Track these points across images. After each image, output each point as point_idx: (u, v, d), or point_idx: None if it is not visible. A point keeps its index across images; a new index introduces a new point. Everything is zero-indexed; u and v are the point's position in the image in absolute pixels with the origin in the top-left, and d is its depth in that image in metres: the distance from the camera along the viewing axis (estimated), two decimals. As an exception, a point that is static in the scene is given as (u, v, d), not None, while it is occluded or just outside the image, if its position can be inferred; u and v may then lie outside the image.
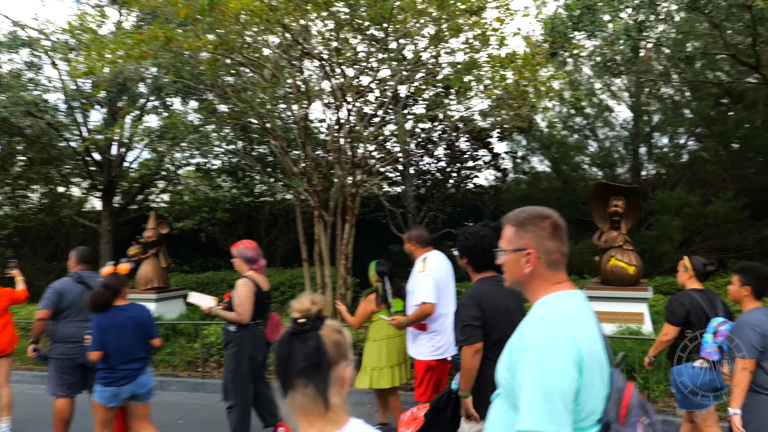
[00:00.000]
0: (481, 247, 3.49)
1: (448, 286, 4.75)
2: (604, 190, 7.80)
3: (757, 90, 11.16)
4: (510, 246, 1.87)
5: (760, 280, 3.62)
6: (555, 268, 1.81)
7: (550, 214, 1.87)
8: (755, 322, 3.46)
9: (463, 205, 13.89)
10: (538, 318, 1.67)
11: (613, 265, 7.33)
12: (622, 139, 13.43)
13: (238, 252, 5.03)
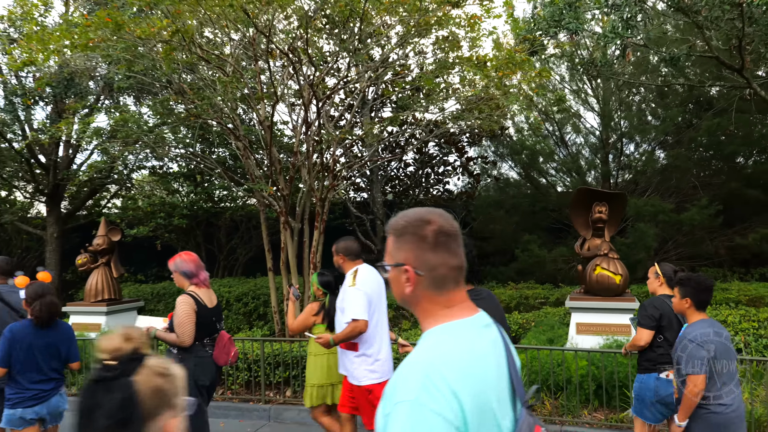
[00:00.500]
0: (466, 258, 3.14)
1: (381, 301, 4.33)
2: (587, 195, 7.47)
3: (728, 97, 11.10)
4: (389, 260, 1.51)
5: (700, 291, 3.48)
6: (442, 288, 1.45)
7: (433, 218, 1.48)
8: (701, 336, 3.35)
9: (433, 211, 13.48)
10: (415, 362, 1.31)
11: (598, 275, 6.98)
12: (592, 145, 13.27)
13: (175, 266, 4.46)
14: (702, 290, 3.49)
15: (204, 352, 4.39)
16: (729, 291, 9.50)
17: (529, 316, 8.75)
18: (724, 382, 3.40)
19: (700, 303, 3.51)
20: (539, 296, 9.98)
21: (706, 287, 3.50)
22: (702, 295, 3.50)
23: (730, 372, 3.42)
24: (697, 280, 3.53)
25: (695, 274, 3.68)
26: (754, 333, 7.32)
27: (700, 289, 3.49)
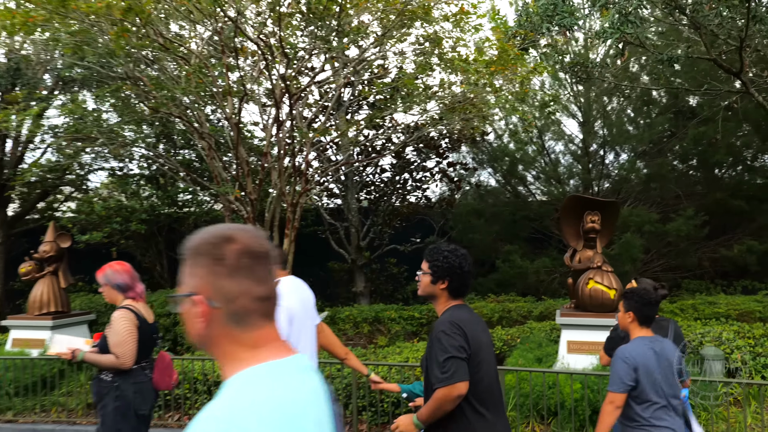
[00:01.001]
0: (463, 269, 2.84)
1: (306, 317, 3.76)
2: (578, 204, 6.99)
3: (712, 105, 10.82)
4: (181, 289, 1.22)
5: (645, 305, 3.30)
6: (245, 324, 1.17)
7: (237, 235, 1.20)
8: (629, 353, 3.19)
9: (410, 219, 12.93)
10: (210, 419, 1.03)
11: (591, 289, 6.48)
12: (573, 153, 12.90)
13: (106, 279, 3.82)
14: (646, 304, 3.31)
15: (144, 376, 3.77)
16: (717, 305, 9.15)
17: (514, 331, 8.22)
18: (657, 404, 3.18)
19: (644, 318, 3.32)
20: (522, 310, 9.48)
21: (650, 301, 3.31)
22: (646, 310, 3.31)
23: (664, 395, 3.20)
24: (641, 294, 3.35)
25: (641, 287, 3.47)
26: (751, 351, 6.91)
27: (644, 302, 3.31)
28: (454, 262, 2.84)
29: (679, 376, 3.36)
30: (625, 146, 12.12)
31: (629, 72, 11.93)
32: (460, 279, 2.85)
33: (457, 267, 2.83)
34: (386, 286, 13.81)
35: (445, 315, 2.82)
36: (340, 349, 4.41)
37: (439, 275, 2.86)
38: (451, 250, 2.90)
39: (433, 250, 2.95)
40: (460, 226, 12.48)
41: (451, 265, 2.84)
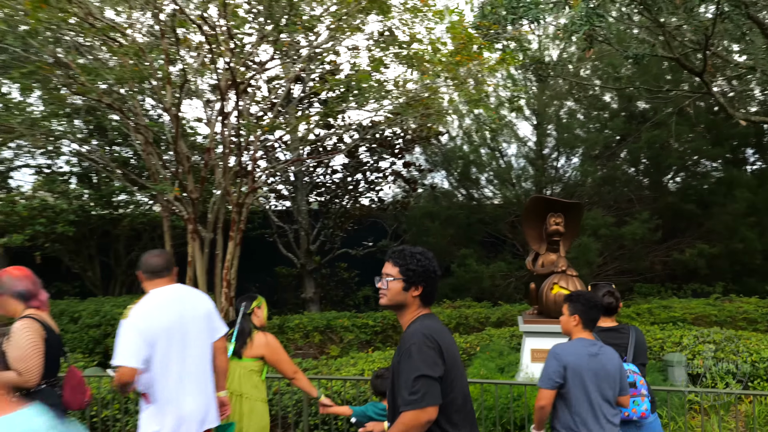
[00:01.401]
0: (437, 273, 2.60)
1: (187, 337, 3.27)
2: (541, 205, 6.69)
3: (664, 108, 10.85)
4: None
5: (591, 309, 3.28)
6: None
7: None
8: (561, 350, 3.18)
9: (362, 222, 12.48)
10: None
11: (556, 294, 6.18)
12: (526, 156, 12.76)
13: (2, 287, 3.26)
14: (592, 308, 3.28)
15: (52, 395, 3.22)
16: (672, 309, 9.09)
17: (472, 339, 7.88)
18: (584, 410, 3.10)
19: (589, 321, 3.28)
20: (479, 316, 9.16)
21: (596, 305, 3.31)
22: (592, 313, 3.28)
23: (593, 402, 3.10)
24: (587, 297, 3.32)
25: (585, 291, 3.46)
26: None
27: (589, 306, 3.27)
28: (428, 266, 2.52)
29: (622, 390, 3.24)
30: (579, 149, 12.05)
31: (585, 74, 11.90)
32: (434, 284, 2.55)
33: (432, 271, 2.53)
34: (337, 292, 13.30)
35: (415, 325, 2.45)
36: (288, 368, 3.91)
37: (413, 281, 2.51)
38: (422, 252, 2.58)
39: (402, 252, 2.58)
40: (414, 229, 12.12)
41: (426, 268, 2.51)
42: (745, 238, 10.68)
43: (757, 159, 13.19)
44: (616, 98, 11.66)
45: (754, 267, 11.23)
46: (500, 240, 12.49)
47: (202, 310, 3.37)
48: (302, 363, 6.99)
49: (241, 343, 3.84)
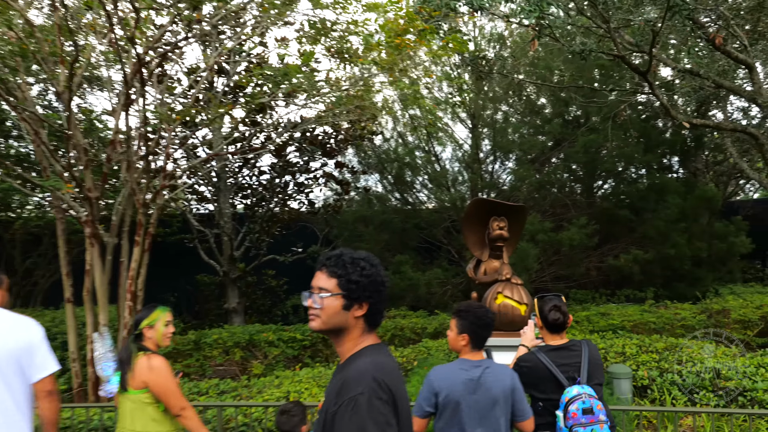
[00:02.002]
0: (386, 285, 1.93)
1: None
2: (483, 208, 6.22)
3: (600, 113, 10.74)
4: None
5: (480, 327, 2.95)
6: None
7: None
8: (435, 376, 2.89)
9: (291, 227, 11.71)
10: None
11: (501, 305, 5.70)
12: (462, 159, 12.41)
13: None
14: (483, 327, 2.96)
15: None
16: (611, 316, 8.89)
17: (409, 352, 7.31)
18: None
19: (479, 340, 2.96)
20: (416, 326, 8.62)
21: (487, 324, 2.97)
22: (481, 332, 2.96)
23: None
24: (477, 314, 2.98)
25: (476, 305, 3.07)
26: (657, 366, 6.52)
27: (480, 325, 2.95)
28: (375, 276, 1.87)
29: (519, 416, 2.95)
30: (515, 153, 11.80)
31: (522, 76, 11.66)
32: (382, 300, 1.90)
33: (380, 282, 1.88)
34: (263, 301, 12.46)
35: (362, 362, 1.80)
36: (175, 402, 3.11)
37: (356, 296, 1.85)
38: (367, 258, 1.90)
39: (340, 259, 1.90)
40: (346, 234, 11.48)
41: (372, 279, 1.86)
42: (677, 243, 10.72)
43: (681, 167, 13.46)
44: (552, 101, 11.49)
45: (683, 273, 11.31)
46: (436, 246, 12.06)
47: (16, 342, 2.61)
48: (220, 384, 6.19)
49: (123, 371, 3.08)
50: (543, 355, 3.27)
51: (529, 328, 3.75)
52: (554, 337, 3.42)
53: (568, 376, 3.20)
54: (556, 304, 3.39)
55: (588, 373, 3.33)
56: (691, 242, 11.07)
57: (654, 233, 10.83)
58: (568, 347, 3.36)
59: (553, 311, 3.34)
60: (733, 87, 7.44)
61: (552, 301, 3.46)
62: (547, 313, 3.37)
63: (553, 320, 3.37)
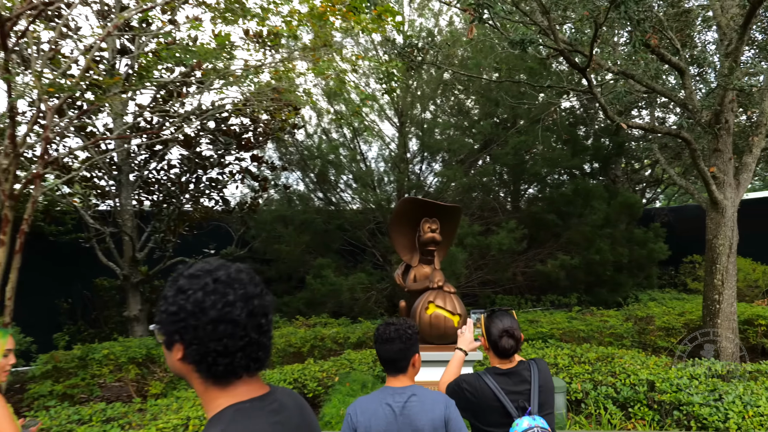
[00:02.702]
0: (219, 319, 1.19)
1: None
2: (413, 208, 5.66)
3: (529, 114, 10.53)
4: None
5: (380, 345, 2.60)
6: None
7: None
8: (354, 408, 2.54)
9: (203, 226, 10.75)
10: None
11: (432, 315, 5.15)
12: (388, 159, 11.88)
13: None
14: (382, 342, 2.58)
15: None
16: (539, 324, 8.61)
17: (329, 366, 6.65)
18: None
19: (389, 363, 2.58)
20: (338, 336, 7.97)
21: (385, 338, 2.57)
22: (384, 353, 2.57)
23: None
24: (378, 332, 2.62)
25: (382, 325, 2.65)
26: (590, 378, 6.21)
27: (380, 341, 2.58)
28: (202, 304, 1.19)
29: None
30: (443, 154, 11.42)
31: (510, 41, 11.27)
32: (214, 340, 1.19)
33: (200, 313, 1.18)
34: (171, 308, 11.38)
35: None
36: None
37: (168, 332, 1.21)
38: (195, 275, 1.23)
39: (177, 276, 1.27)
40: (263, 235, 10.66)
41: (193, 310, 1.18)
42: (601, 249, 10.67)
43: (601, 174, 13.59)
44: (481, 102, 11.18)
45: (606, 278, 11.31)
46: (360, 249, 11.47)
47: None
48: (107, 409, 5.28)
49: None
50: (491, 379, 2.78)
51: (467, 329, 3.22)
52: (502, 362, 2.91)
53: (517, 405, 2.73)
54: (507, 329, 2.86)
55: (539, 402, 2.85)
56: (613, 248, 11.09)
57: (580, 238, 10.74)
58: (519, 372, 2.86)
59: (505, 338, 2.82)
60: (664, 91, 7.31)
61: (502, 321, 2.92)
62: (498, 338, 2.85)
63: (503, 349, 2.86)
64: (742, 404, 5.19)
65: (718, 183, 7.28)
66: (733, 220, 7.32)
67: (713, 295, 7.34)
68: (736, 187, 7.37)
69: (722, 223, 7.29)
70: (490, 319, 3.01)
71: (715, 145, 7.30)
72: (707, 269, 7.48)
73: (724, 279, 7.28)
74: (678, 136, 6.84)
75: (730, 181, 7.31)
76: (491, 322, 2.97)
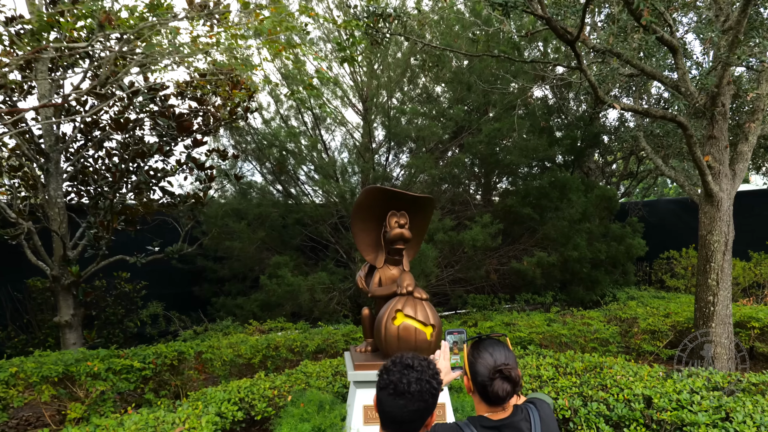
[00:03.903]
0: None
1: None
2: (379, 199, 4.81)
3: (503, 98, 9.79)
4: None
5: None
6: None
7: None
8: None
9: (148, 221, 9.71)
10: None
11: (401, 327, 4.31)
12: (352, 149, 11.00)
13: None
14: (394, 394, 1.89)
15: None
16: (516, 327, 7.87)
17: (282, 381, 5.76)
18: None
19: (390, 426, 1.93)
20: (294, 344, 7.07)
21: (399, 392, 1.87)
22: (390, 408, 1.90)
23: None
24: (387, 378, 1.93)
25: (395, 365, 1.97)
26: (578, 393, 5.48)
27: (388, 391, 1.90)
28: None
29: None
30: (412, 142, 10.59)
31: (495, 4, 10.42)
32: None
33: None
34: (115, 310, 10.32)
35: None
36: None
37: None
38: None
39: None
40: (215, 231, 9.68)
41: None
42: (578, 245, 10.03)
43: (574, 166, 12.99)
44: (452, 87, 10.38)
45: (582, 276, 10.69)
46: (322, 245, 10.58)
47: None
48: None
49: None
50: None
51: (442, 355, 2.46)
52: (494, 409, 2.10)
53: None
54: (500, 368, 2.06)
55: None
56: (590, 244, 10.47)
57: (556, 234, 10.07)
58: (515, 424, 2.11)
59: (498, 380, 2.04)
60: (655, 72, 6.62)
61: (494, 356, 2.13)
62: (488, 380, 2.06)
63: (495, 395, 2.06)
64: (755, 426, 4.51)
65: (713, 173, 6.63)
66: (729, 214, 6.69)
67: (707, 296, 6.71)
68: (732, 178, 6.74)
69: (717, 217, 6.65)
70: (476, 351, 2.19)
71: (710, 132, 6.66)
72: (700, 268, 6.84)
73: (719, 279, 6.65)
74: (674, 120, 6.15)
75: (725, 171, 6.68)
76: (478, 357, 2.15)
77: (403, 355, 2.03)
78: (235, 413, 5.15)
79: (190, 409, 4.89)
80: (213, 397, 5.35)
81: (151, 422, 4.56)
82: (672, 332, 7.83)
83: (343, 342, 7.30)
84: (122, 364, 5.67)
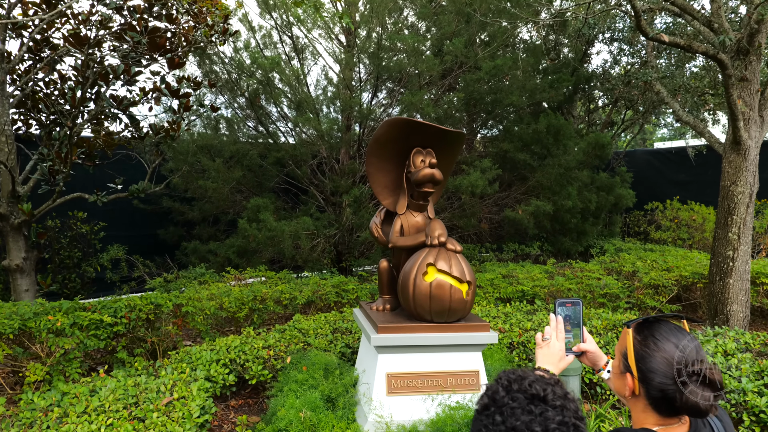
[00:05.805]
0: None
1: None
2: (402, 134, 4.08)
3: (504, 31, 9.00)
4: None
5: None
6: None
7: None
8: None
9: (109, 155, 8.69)
10: None
11: (434, 284, 3.68)
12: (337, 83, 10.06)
13: None
14: None
15: None
16: (517, 279, 7.38)
17: (276, 340, 5.11)
18: None
19: None
20: (282, 295, 6.39)
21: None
22: None
23: None
24: (498, 412, 1.26)
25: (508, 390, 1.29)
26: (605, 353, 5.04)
27: None
28: None
29: None
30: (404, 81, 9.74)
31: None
32: None
33: None
34: (71, 253, 9.38)
35: None
36: None
37: None
38: None
39: None
40: (185, 168, 8.75)
41: None
42: (571, 194, 9.56)
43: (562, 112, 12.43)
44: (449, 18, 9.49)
45: (571, 226, 10.30)
46: (301, 189, 9.78)
47: None
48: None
49: None
50: None
51: (555, 332, 1.92)
52: (668, 421, 1.56)
53: None
54: (696, 368, 1.47)
55: None
56: (580, 193, 10.03)
57: (550, 182, 9.55)
58: None
59: (694, 387, 1.45)
60: (686, 6, 5.97)
61: (679, 346, 1.53)
62: (677, 386, 1.51)
63: (692, 407, 1.46)
64: (807, 393, 4.14)
65: (743, 119, 6.13)
66: (755, 164, 6.25)
67: (726, 251, 6.32)
68: (761, 126, 6.27)
69: (744, 167, 6.19)
70: (650, 339, 1.56)
71: (742, 73, 6.11)
72: (720, 221, 6.43)
73: (741, 233, 6.25)
74: (714, 58, 5.56)
75: (755, 118, 6.18)
76: (655, 348, 1.53)
77: (521, 376, 1.28)
78: (226, 377, 4.50)
79: (176, 373, 4.20)
80: (199, 358, 4.66)
81: (131, 390, 3.86)
82: (676, 287, 7.50)
83: (335, 294, 6.67)
84: (90, 318, 4.88)
